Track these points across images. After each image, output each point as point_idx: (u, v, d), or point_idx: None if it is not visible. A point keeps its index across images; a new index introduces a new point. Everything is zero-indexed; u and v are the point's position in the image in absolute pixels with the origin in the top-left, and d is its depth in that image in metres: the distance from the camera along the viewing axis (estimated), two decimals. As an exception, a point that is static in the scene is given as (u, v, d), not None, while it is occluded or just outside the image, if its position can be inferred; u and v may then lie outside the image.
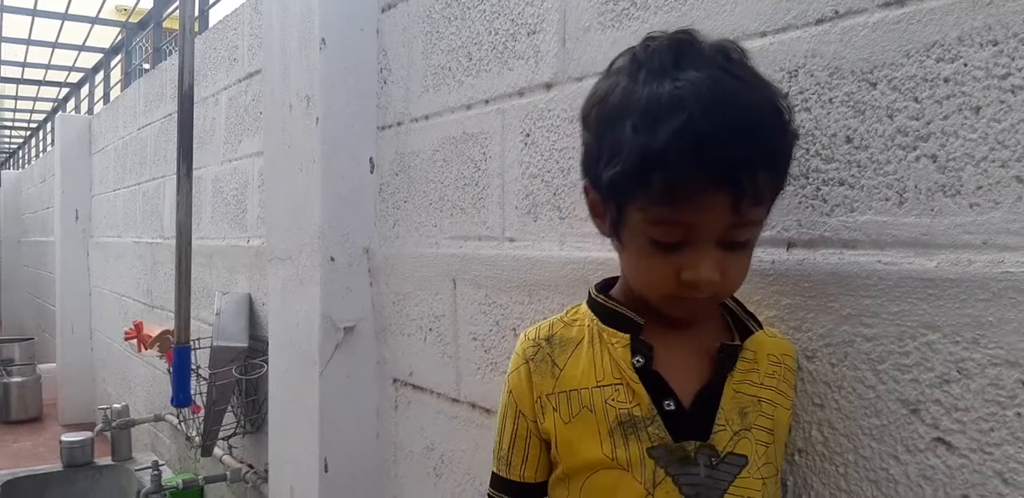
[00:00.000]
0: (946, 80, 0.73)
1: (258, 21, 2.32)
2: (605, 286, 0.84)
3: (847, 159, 0.81)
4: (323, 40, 1.62)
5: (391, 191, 1.64)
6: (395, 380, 1.63)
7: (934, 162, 0.74)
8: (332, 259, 1.63)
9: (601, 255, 1.11)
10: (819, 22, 0.84)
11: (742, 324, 0.79)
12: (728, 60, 0.70)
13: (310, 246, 1.66)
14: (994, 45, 0.70)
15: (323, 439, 1.63)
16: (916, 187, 0.75)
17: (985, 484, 0.69)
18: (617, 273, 1.05)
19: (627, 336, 0.76)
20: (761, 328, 0.79)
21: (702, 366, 0.76)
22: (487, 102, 1.36)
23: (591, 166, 0.73)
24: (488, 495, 0.87)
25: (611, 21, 1.11)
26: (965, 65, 0.72)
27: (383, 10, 1.67)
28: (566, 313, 0.85)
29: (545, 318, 0.88)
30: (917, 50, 0.75)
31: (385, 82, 1.66)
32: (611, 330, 0.77)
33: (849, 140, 0.81)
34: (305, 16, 1.68)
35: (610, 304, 0.79)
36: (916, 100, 0.76)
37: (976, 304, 0.69)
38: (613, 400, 0.74)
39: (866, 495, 0.78)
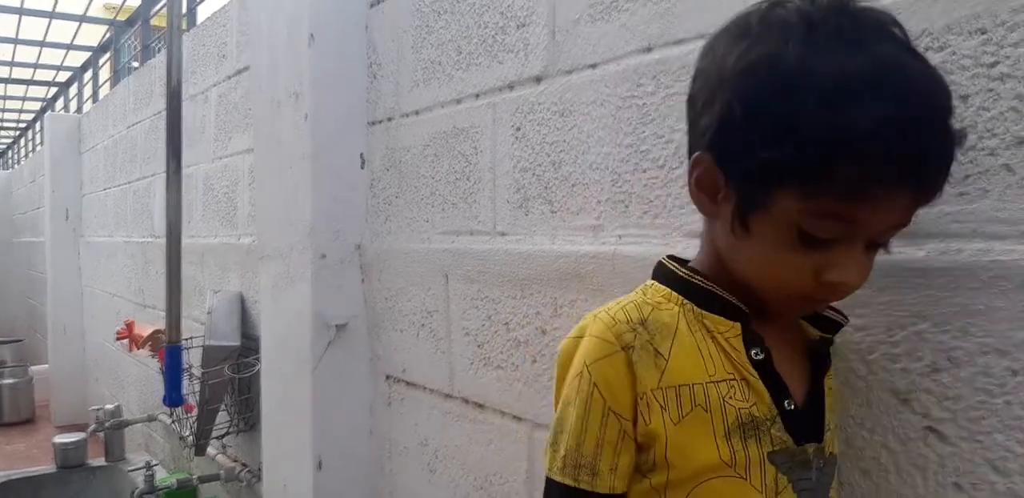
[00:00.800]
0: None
1: (246, 17, 2.31)
2: (680, 262, 0.73)
3: (836, 150, 0.81)
4: (312, 35, 1.61)
5: (382, 187, 1.64)
6: (388, 376, 1.63)
7: (923, 151, 0.74)
8: (323, 256, 1.63)
9: (593, 248, 1.10)
10: (807, 13, 0.84)
11: (818, 316, 0.72)
12: (905, 34, 0.61)
13: (301, 243, 1.65)
14: (982, 34, 0.70)
15: (316, 436, 1.63)
16: (905, 177, 0.75)
17: (975, 472, 0.69)
18: (609, 266, 1.04)
19: (738, 325, 0.67)
20: (847, 320, 0.73)
21: (798, 361, 0.71)
22: (477, 96, 1.36)
23: (729, 139, 0.62)
24: None
25: (600, 13, 1.11)
26: (953, 54, 0.72)
27: (372, 5, 1.66)
28: (645, 293, 0.72)
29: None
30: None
31: (375, 77, 1.65)
32: (715, 317, 0.68)
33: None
34: (293, 12, 1.67)
35: (710, 286, 0.68)
36: (904, 90, 0.75)
37: (965, 293, 0.69)
38: (730, 398, 0.65)
39: (858, 485, 0.78)
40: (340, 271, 1.64)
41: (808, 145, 0.56)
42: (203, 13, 3.16)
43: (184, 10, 3.23)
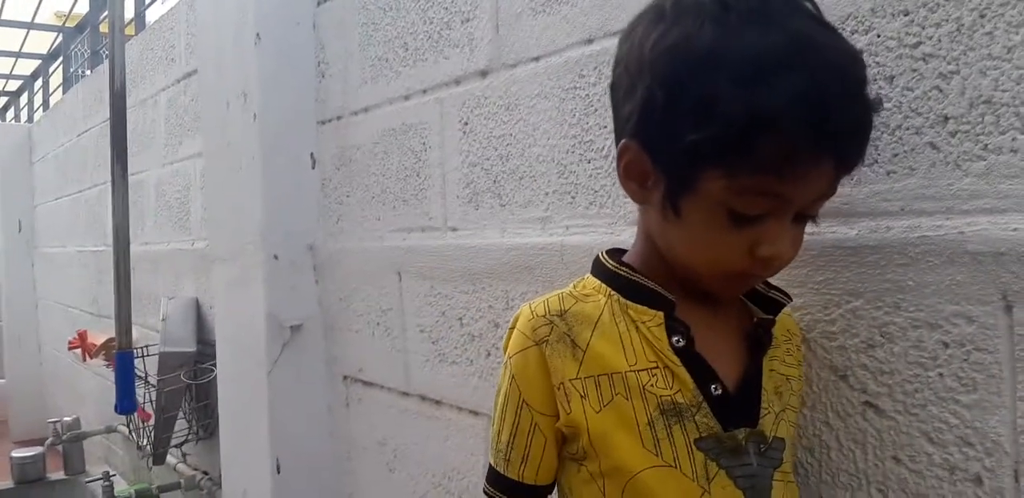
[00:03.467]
0: (861, 51, 0.74)
1: (194, 19, 2.28)
2: (616, 255, 0.74)
3: (771, 133, 0.82)
4: (258, 35, 1.60)
5: (333, 186, 1.63)
6: (345, 377, 1.62)
7: (852, 132, 0.75)
8: (275, 257, 1.61)
9: (541, 240, 1.11)
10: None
11: (761, 298, 0.72)
12: (816, 8, 0.62)
13: (252, 245, 1.64)
14: (905, 15, 0.72)
15: (274, 439, 1.61)
16: (836, 158, 0.76)
17: (912, 445, 0.70)
18: (558, 257, 1.04)
19: (660, 314, 0.67)
20: (791, 299, 0.73)
21: (735, 345, 0.70)
22: (425, 92, 1.35)
23: (653, 124, 0.62)
24: (484, 491, 0.75)
25: (542, 6, 1.11)
26: (878, 36, 0.74)
27: (319, 3, 1.65)
28: (574, 287, 0.73)
29: (531, 301, 0.76)
30: (833, 22, 0.76)
31: (323, 76, 1.64)
32: (639, 307, 0.68)
33: (772, 115, 0.82)
34: (239, 11, 1.65)
35: (636, 277, 0.69)
36: (833, 72, 0.77)
37: (896, 269, 0.70)
38: (652, 386, 0.65)
39: (801, 462, 0.79)
40: (293, 272, 1.63)
41: (729, 124, 0.56)
42: (153, 17, 3.11)
43: (132, 14, 3.18)
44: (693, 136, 0.58)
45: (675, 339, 0.66)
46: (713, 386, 0.66)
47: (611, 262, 0.72)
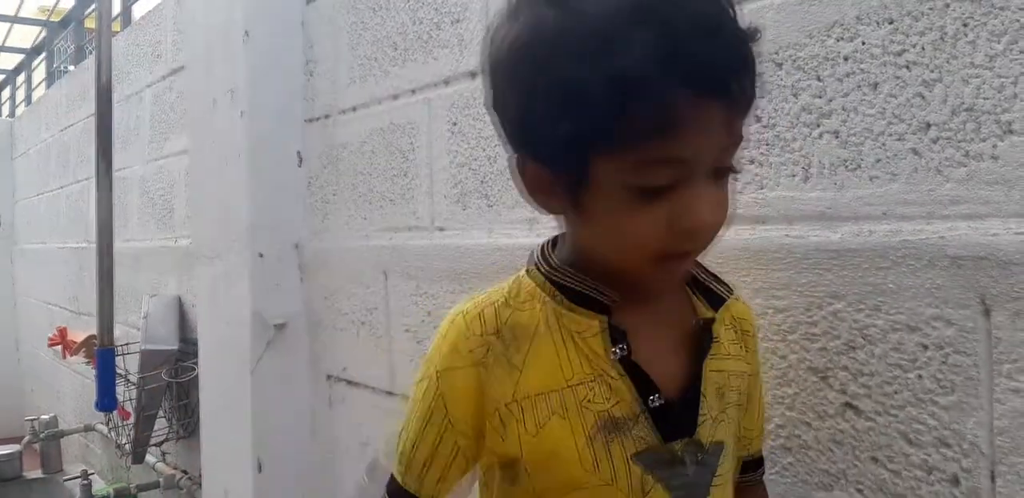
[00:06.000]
0: (846, 58, 0.76)
1: (181, 16, 2.27)
2: (549, 255, 0.68)
3: (756, 138, 0.83)
4: (246, 32, 1.59)
5: (320, 185, 1.62)
6: (329, 376, 1.61)
7: (836, 138, 0.76)
8: (261, 255, 1.61)
9: (528, 241, 1.11)
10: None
11: (706, 290, 0.68)
12: None
13: (238, 243, 1.63)
14: (890, 23, 0.73)
15: (256, 439, 1.60)
16: (820, 162, 0.78)
17: (891, 445, 0.72)
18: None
19: (596, 323, 0.63)
20: (732, 293, 0.69)
21: (677, 346, 0.66)
22: (414, 92, 1.36)
23: (528, 131, 0.59)
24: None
25: (531, 9, 1.12)
26: (863, 43, 0.75)
27: (308, 2, 1.65)
28: (509, 291, 0.67)
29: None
30: (819, 30, 0.78)
31: (311, 74, 1.64)
32: (575, 316, 0.63)
33: (758, 119, 0.83)
34: (227, 8, 1.65)
35: (570, 283, 0.64)
36: (819, 78, 0.78)
37: (877, 272, 0.72)
38: (589, 401, 0.62)
39: (781, 462, 0.80)
40: (278, 270, 1.62)
41: (595, 103, 0.53)
42: (139, 12, 3.09)
43: (118, 9, 3.16)
44: (567, 126, 0.54)
45: (612, 351, 0.63)
46: (652, 397, 0.62)
47: (546, 266, 0.66)
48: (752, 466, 0.75)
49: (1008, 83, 0.65)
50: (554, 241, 0.68)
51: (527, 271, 0.68)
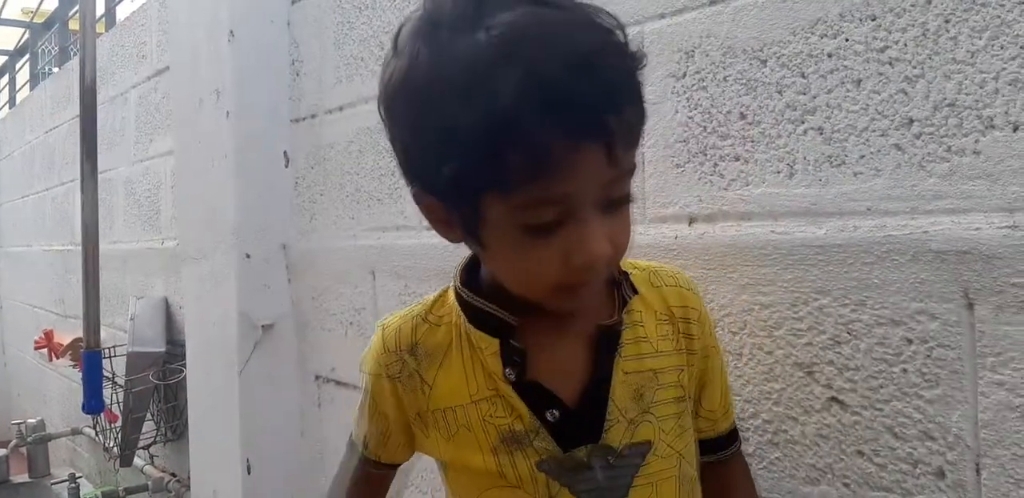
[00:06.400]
0: (830, 55, 0.76)
1: (166, 16, 2.26)
2: (473, 268, 0.69)
3: (741, 135, 0.84)
4: (231, 32, 1.59)
5: (307, 185, 1.62)
6: (317, 377, 1.61)
7: (820, 134, 0.77)
8: (248, 256, 1.60)
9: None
10: (713, 3, 0.86)
11: (618, 293, 0.68)
12: None
13: (224, 243, 1.62)
14: (872, 20, 0.73)
15: (245, 440, 1.60)
16: (805, 159, 0.78)
17: (877, 439, 0.72)
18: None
19: (496, 342, 0.65)
20: (636, 293, 0.69)
21: (585, 355, 0.67)
22: (399, 92, 1.35)
23: (416, 168, 0.59)
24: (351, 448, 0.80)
25: (517, 7, 1.12)
26: (847, 40, 0.75)
27: (293, 1, 1.65)
28: (432, 305, 0.71)
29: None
30: (802, 27, 0.78)
31: (297, 74, 1.64)
32: (480, 334, 0.66)
33: (743, 116, 0.84)
34: (213, 8, 1.64)
35: (477, 302, 0.66)
36: (803, 75, 0.79)
37: (862, 267, 0.72)
38: (491, 416, 0.66)
39: (768, 458, 0.80)
40: (266, 271, 1.62)
41: (472, 146, 0.52)
42: (123, 14, 3.08)
43: (102, 10, 3.14)
44: (449, 169, 0.54)
45: (507, 371, 0.65)
46: (549, 412, 0.65)
47: (458, 283, 0.69)
48: (724, 444, 0.76)
49: (990, 78, 0.65)
50: (473, 258, 0.69)
51: (450, 289, 0.71)
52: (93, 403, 1.83)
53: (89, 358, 1.84)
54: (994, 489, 0.65)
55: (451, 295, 0.70)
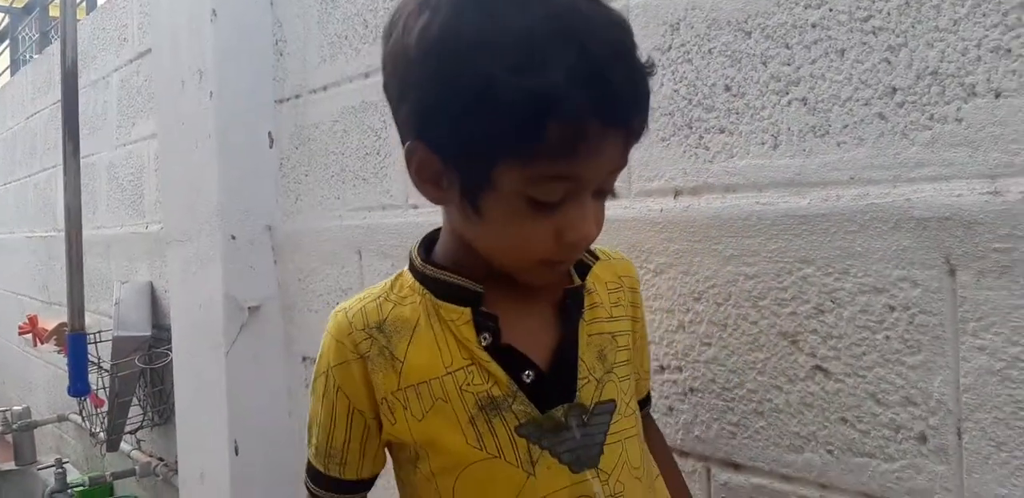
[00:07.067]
0: (813, 26, 0.76)
1: (147, -2, 2.24)
2: (429, 245, 0.71)
3: (726, 107, 0.84)
4: (214, 11, 1.57)
5: (292, 166, 1.61)
6: (304, 358, 1.61)
7: (804, 105, 0.77)
8: (233, 238, 1.59)
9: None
10: (697, -25, 0.86)
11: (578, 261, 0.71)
12: None
13: (209, 225, 1.61)
14: (855, -10, 0.73)
15: (232, 421, 1.59)
16: (789, 130, 0.78)
17: (860, 406, 0.73)
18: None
19: (468, 310, 0.66)
20: (596, 259, 0.73)
21: (550, 319, 0.69)
22: (384, 70, 1.35)
23: (430, 122, 0.59)
24: (309, 490, 0.75)
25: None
26: (831, 10, 0.75)
27: (276, -19, 1.63)
28: (391, 286, 0.71)
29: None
30: (787, -2, 0.78)
31: (281, 54, 1.62)
32: (448, 305, 0.67)
33: (728, 89, 0.84)
34: (194, -13, 1.62)
35: (441, 275, 0.67)
36: (787, 46, 0.79)
37: (845, 236, 0.72)
38: (468, 384, 0.66)
39: (754, 426, 0.81)
40: (251, 252, 1.61)
41: (510, 114, 0.54)
42: (103, -3, 3.03)
43: (83, -7, 3.10)
44: (477, 132, 0.56)
45: (482, 336, 0.66)
46: (525, 373, 0.66)
47: (419, 260, 0.70)
48: (644, 403, 0.81)
49: (972, 46, 0.65)
50: (427, 239, 0.72)
51: (407, 269, 0.71)
52: (78, 386, 1.82)
53: (74, 340, 1.83)
54: (975, 452, 0.66)
55: (407, 277, 0.71)
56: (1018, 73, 0.63)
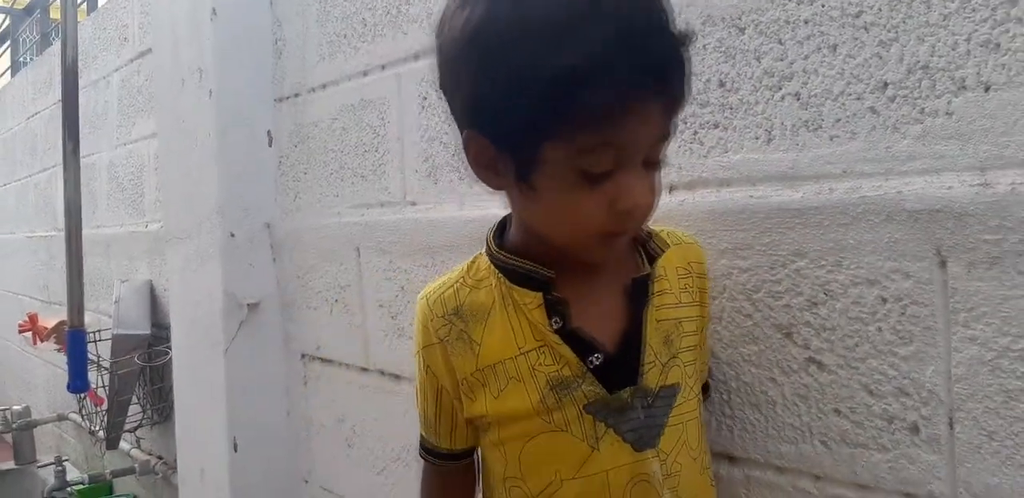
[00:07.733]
0: (806, 21, 0.77)
1: (148, -3, 2.25)
2: (502, 230, 0.76)
3: (720, 103, 0.85)
4: (213, 10, 1.58)
5: (291, 163, 1.62)
6: (303, 355, 1.61)
7: (797, 100, 0.78)
8: (232, 235, 1.60)
9: (500, 211, 1.12)
10: (692, -29, 0.87)
11: (644, 249, 0.74)
12: None
13: (209, 223, 1.62)
14: (848, -15, 0.74)
15: (231, 418, 1.60)
16: (783, 124, 0.79)
17: (853, 397, 0.73)
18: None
19: (539, 295, 0.70)
20: (668, 246, 0.75)
21: (619, 303, 0.73)
22: (383, 67, 1.35)
23: (482, 111, 0.63)
24: (420, 456, 0.85)
25: (499, -20, 1.12)
26: (823, 6, 0.76)
27: (275, -20, 1.64)
28: (468, 270, 0.77)
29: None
30: (781, -6, 0.79)
31: (280, 53, 1.63)
32: (521, 290, 0.71)
33: (722, 84, 0.85)
34: (194, -13, 1.63)
35: (513, 261, 0.72)
36: (780, 42, 0.79)
37: (838, 229, 0.73)
38: (540, 365, 0.70)
39: (748, 419, 0.82)
40: (250, 250, 1.62)
41: (553, 90, 0.57)
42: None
43: (83, -7, 3.11)
44: (524, 111, 0.59)
45: (553, 320, 0.70)
46: (593, 357, 0.70)
47: (493, 245, 0.74)
48: (705, 390, 0.83)
49: (962, 40, 0.66)
50: (501, 224, 0.76)
51: (483, 251, 0.77)
52: (78, 383, 1.82)
53: (73, 336, 1.83)
54: (967, 442, 0.66)
55: (482, 261, 0.76)
56: (1007, 67, 0.63)
